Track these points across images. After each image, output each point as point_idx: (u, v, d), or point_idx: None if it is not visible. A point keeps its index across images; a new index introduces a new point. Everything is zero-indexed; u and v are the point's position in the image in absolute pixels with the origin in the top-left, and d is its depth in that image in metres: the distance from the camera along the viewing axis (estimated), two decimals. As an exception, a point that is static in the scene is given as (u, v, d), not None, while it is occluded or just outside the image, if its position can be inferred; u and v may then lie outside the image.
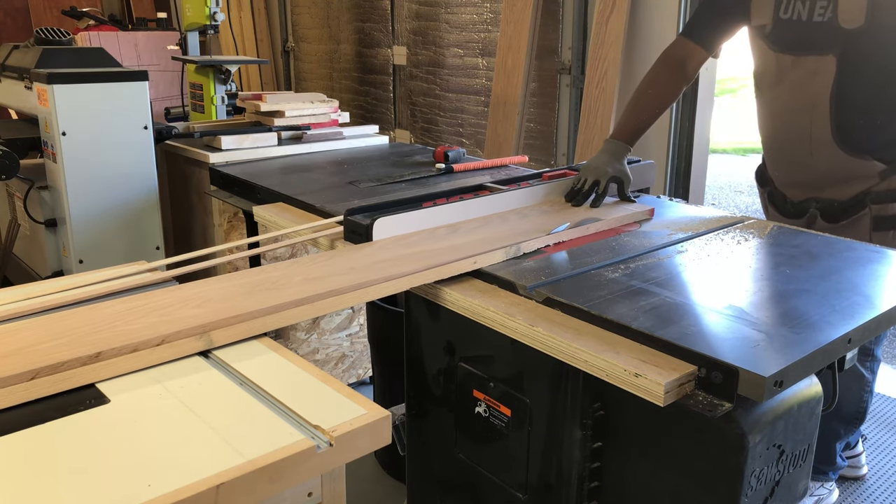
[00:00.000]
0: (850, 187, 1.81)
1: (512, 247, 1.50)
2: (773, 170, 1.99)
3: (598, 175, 1.83)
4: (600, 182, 1.83)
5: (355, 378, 2.85)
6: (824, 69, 1.74)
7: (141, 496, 0.78)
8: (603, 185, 1.82)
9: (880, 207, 1.78)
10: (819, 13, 1.73)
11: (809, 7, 1.74)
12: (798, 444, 1.18)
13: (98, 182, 2.38)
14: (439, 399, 1.52)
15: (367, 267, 1.38)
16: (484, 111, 3.66)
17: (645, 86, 1.96)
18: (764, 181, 2.05)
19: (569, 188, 1.87)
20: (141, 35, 4.84)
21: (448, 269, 1.40)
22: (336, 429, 0.92)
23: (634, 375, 1.06)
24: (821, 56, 1.74)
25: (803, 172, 1.87)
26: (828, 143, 1.78)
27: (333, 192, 2.02)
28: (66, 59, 2.48)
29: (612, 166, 1.85)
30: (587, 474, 1.26)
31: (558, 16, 3.25)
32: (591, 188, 1.82)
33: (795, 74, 1.79)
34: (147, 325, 1.12)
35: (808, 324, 1.19)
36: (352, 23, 4.54)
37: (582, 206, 1.81)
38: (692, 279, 1.39)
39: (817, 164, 1.82)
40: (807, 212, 1.88)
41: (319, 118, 2.84)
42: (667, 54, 1.98)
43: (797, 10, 1.77)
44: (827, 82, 1.74)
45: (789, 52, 1.79)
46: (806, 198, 1.90)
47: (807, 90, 1.78)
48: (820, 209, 1.86)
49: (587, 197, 1.82)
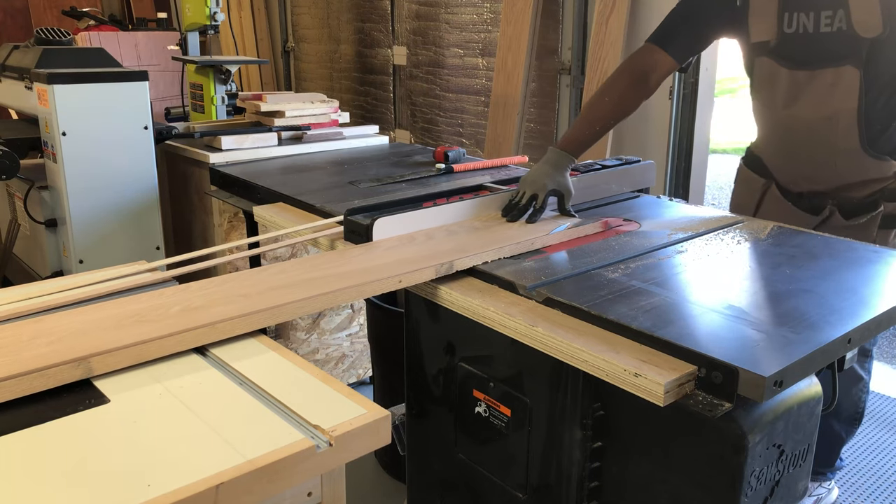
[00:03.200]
0: (867, 187, 1.77)
1: (444, 264, 1.41)
2: (781, 171, 1.90)
3: (537, 188, 1.72)
4: (538, 196, 1.71)
5: (355, 378, 2.85)
6: (845, 81, 1.67)
7: (140, 496, 0.78)
8: (541, 200, 1.70)
9: (892, 206, 1.76)
10: (826, 23, 1.67)
11: (815, 18, 1.68)
12: (798, 444, 1.18)
13: (98, 182, 2.38)
14: (439, 399, 1.52)
15: (260, 293, 1.25)
16: (484, 111, 3.66)
17: (602, 94, 1.84)
18: (763, 173, 1.95)
19: (506, 202, 1.75)
20: (141, 35, 4.84)
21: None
22: (336, 428, 0.92)
23: (634, 375, 1.06)
24: (839, 67, 1.67)
25: (822, 177, 1.81)
26: (855, 151, 1.72)
27: (333, 192, 2.02)
28: (66, 59, 2.48)
29: (553, 179, 1.73)
30: (587, 474, 1.26)
31: (558, 16, 3.25)
32: (529, 202, 1.71)
33: (813, 89, 1.71)
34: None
35: (808, 324, 1.19)
36: (352, 23, 4.54)
37: (516, 223, 1.68)
38: (692, 279, 1.39)
39: (840, 169, 1.77)
40: (824, 207, 1.81)
41: (319, 118, 2.84)
42: (631, 62, 1.86)
43: (802, 22, 1.70)
44: (851, 93, 1.67)
45: (804, 68, 1.71)
46: (822, 192, 1.83)
47: (827, 103, 1.71)
48: (838, 206, 1.80)
49: (524, 212, 1.70)
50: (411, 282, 1.38)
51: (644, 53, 1.85)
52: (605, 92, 1.83)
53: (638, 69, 1.83)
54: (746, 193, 1.98)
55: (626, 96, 1.83)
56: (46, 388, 1.00)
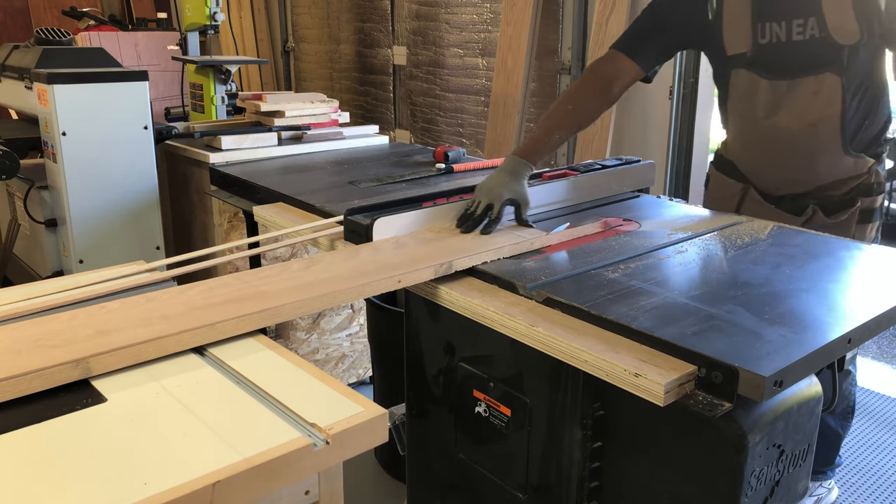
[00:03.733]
0: (846, 185, 1.79)
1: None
2: (761, 177, 1.88)
3: (492, 198, 1.63)
4: (494, 206, 1.62)
5: (355, 378, 2.85)
6: (826, 88, 1.68)
7: (137, 494, 0.78)
8: (496, 210, 1.62)
9: (867, 200, 1.78)
10: (798, 31, 1.67)
11: (786, 27, 1.69)
12: (798, 444, 1.17)
13: (98, 182, 2.38)
14: (439, 399, 1.52)
15: (182, 315, 1.17)
16: (484, 111, 3.66)
17: (565, 101, 1.78)
18: (740, 177, 1.92)
19: (461, 211, 1.67)
20: (141, 35, 4.84)
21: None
22: (333, 427, 0.92)
23: (634, 375, 1.05)
24: (819, 75, 1.68)
25: (803, 180, 1.81)
26: (836, 153, 1.74)
27: (333, 192, 2.02)
28: (66, 59, 2.48)
29: (509, 188, 1.65)
30: (587, 474, 1.25)
31: (558, 16, 3.25)
32: (484, 213, 1.62)
33: (794, 98, 1.72)
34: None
35: (808, 324, 1.19)
36: (352, 23, 4.54)
37: (470, 234, 1.59)
38: (692, 279, 1.38)
39: (821, 171, 1.78)
40: (806, 207, 1.82)
41: (319, 118, 2.84)
42: (596, 69, 1.81)
43: (774, 32, 1.70)
44: (833, 101, 1.68)
45: (783, 78, 1.71)
46: (803, 193, 1.83)
47: (809, 111, 1.71)
48: (820, 205, 1.81)
49: (479, 222, 1.61)
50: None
51: (609, 61, 1.81)
52: (568, 99, 1.79)
53: (602, 77, 1.79)
54: (723, 198, 1.96)
55: (589, 104, 1.79)
56: (45, 388, 1.00)
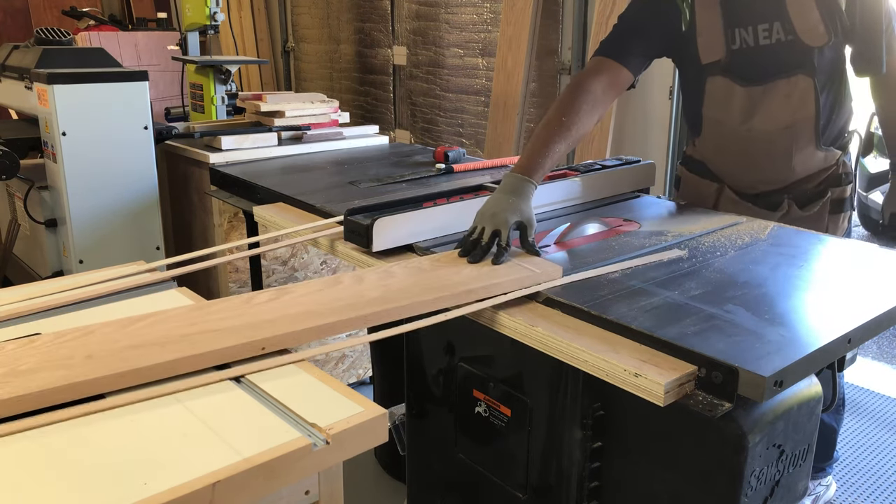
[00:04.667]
0: (818, 177, 1.81)
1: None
2: (737, 179, 1.88)
3: (498, 224, 1.44)
4: (501, 232, 1.43)
5: (355, 378, 2.85)
6: (799, 90, 1.70)
7: (137, 494, 0.78)
8: (505, 237, 1.42)
9: (837, 191, 1.81)
10: (764, 36, 1.69)
11: (753, 32, 1.70)
12: (798, 444, 1.18)
13: (98, 182, 2.38)
14: (439, 399, 1.52)
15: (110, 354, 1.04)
16: (484, 111, 3.66)
17: (559, 113, 1.65)
18: (713, 178, 1.91)
19: (463, 241, 1.47)
20: (141, 35, 4.84)
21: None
22: (332, 427, 0.92)
23: (634, 375, 1.05)
24: (790, 78, 1.70)
25: (779, 178, 1.83)
26: (810, 150, 1.77)
27: (333, 192, 2.02)
28: (66, 59, 2.48)
29: (516, 211, 1.46)
30: (587, 474, 1.25)
31: (558, 16, 3.25)
32: (492, 240, 1.43)
33: (769, 102, 1.73)
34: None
35: (808, 324, 1.19)
36: (352, 23, 4.54)
37: (478, 264, 1.40)
38: (692, 279, 1.38)
39: (796, 168, 1.80)
40: (781, 202, 1.83)
41: (319, 118, 2.84)
42: (587, 78, 1.73)
43: (743, 38, 1.71)
44: (807, 102, 1.71)
45: (757, 83, 1.72)
46: (777, 189, 1.84)
47: (783, 113, 1.73)
48: (794, 199, 1.82)
49: (486, 251, 1.42)
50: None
51: (600, 68, 1.75)
52: (562, 111, 1.66)
53: (596, 85, 1.71)
54: (698, 198, 1.94)
55: (585, 114, 1.67)
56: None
